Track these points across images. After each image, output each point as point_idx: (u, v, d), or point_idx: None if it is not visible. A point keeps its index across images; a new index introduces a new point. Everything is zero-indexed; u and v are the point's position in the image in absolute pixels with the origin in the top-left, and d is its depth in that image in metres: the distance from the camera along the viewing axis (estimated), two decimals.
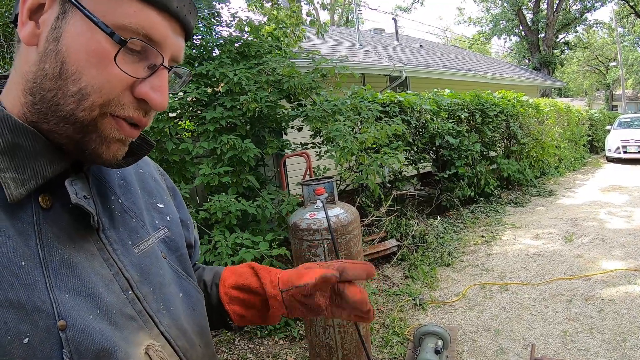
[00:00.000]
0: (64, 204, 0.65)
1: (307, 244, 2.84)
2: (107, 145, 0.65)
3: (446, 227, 7.36)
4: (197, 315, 0.84)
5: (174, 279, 0.82)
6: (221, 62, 4.20)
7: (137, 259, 0.74)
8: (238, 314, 0.96)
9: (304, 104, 4.67)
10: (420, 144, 7.37)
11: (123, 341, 0.64)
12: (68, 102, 0.60)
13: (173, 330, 0.75)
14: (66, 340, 0.57)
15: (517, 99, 10.20)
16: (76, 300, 0.60)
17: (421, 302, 4.59)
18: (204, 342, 0.84)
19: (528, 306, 4.41)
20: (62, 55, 0.59)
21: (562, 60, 32.96)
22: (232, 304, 0.96)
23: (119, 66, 0.60)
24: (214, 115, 3.95)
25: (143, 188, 0.86)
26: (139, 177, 0.87)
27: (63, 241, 0.63)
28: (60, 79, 0.59)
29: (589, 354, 3.52)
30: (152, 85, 0.64)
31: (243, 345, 3.94)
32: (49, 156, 0.63)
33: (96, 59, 0.59)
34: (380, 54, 12.21)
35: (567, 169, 13.46)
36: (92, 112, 0.61)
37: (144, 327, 0.69)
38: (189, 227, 0.99)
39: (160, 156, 4.01)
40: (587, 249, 5.94)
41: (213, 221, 3.81)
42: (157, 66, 0.65)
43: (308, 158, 4.79)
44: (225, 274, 1.00)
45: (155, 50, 0.64)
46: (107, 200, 0.74)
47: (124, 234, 0.74)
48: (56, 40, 0.59)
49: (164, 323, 0.73)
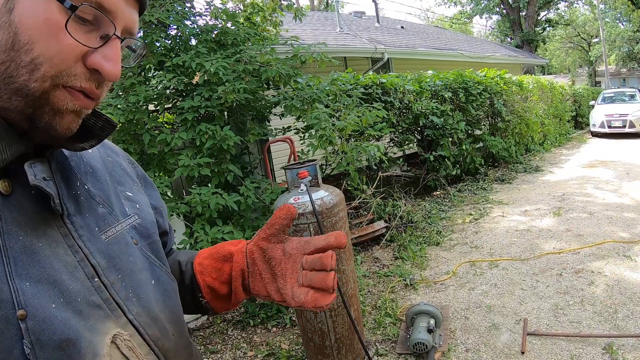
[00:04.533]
0: (26, 189, 0.63)
1: (292, 229, 2.80)
2: (61, 117, 0.63)
3: (434, 206, 7.37)
4: (171, 303, 0.83)
5: (146, 265, 0.80)
6: (197, 52, 4.11)
7: (104, 245, 0.71)
8: (209, 285, 0.95)
9: (283, 91, 4.60)
10: (404, 124, 7.35)
11: (88, 330, 0.62)
12: (21, 73, 0.58)
13: (143, 318, 0.72)
14: (26, 331, 0.55)
15: (500, 76, 10.22)
16: (37, 288, 0.58)
17: (412, 282, 4.59)
18: (178, 331, 0.82)
19: (519, 281, 4.43)
20: (14, 25, 0.57)
21: (545, 38, 33.14)
22: (204, 274, 0.95)
23: (71, 34, 0.58)
24: (193, 104, 3.87)
25: (111, 176, 0.84)
26: (106, 165, 0.85)
27: (24, 227, 0.61)
28: (12, 50, 0.57)
29: (581, 326, 3.53)
30: (104, 55, 0.62)
31: (236, 335, 3.92)
32: (6, 139, 0.60)
33: (48, 28, 0.58)
34: (361, 37, 12.13)
35: (553, 145, 13.56)
36: (44, 83, 0.59)
37: (110, 316, 0.67)
38: (163, 214, 0.98)
39: (139, 148, 3.93)
40: (575, 223, 5.97)
41: (194, 214, 3.76)
42: (109, 36, 0.63)
43: (292, 143, 4.74)
44: (202, 250, 1.00)
45: (107, 18, 0.62)
46: (72, 186, 0.72)
47: (90, 220, 0.72)
48: (9, 12, 0.57)
49: (133, 311, 0.71)
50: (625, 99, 16.02)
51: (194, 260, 0.97)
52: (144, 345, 0.71)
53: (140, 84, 3.93)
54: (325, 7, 32.52)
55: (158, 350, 0.73)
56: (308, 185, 2.76)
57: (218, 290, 0.95)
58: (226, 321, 4.14)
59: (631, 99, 15.88)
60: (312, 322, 3.06)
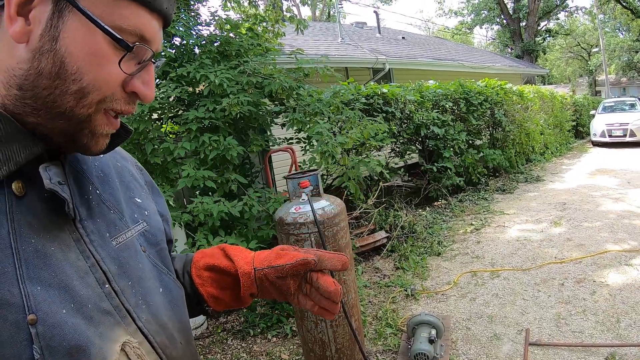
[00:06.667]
0: (39, 192, 0.63)
1: (294, 239, 2.80)
2: (97, 140, 0.67)
3: (435, 216, 7.36)
4: (178, 311, 0.83)
5: (154, 273, 0.80)
6: (202, 63, 4.13)
7: (115, 252, 0.71)
8: (212, 295, 0.95)
9: (286, 103, 4.63)
10: (405, 135, 7.36)
11: (98, 337, 0.61)
12: (67, 100, 0.60)
13: (152, 325, 0.72)
14: (36, 336, 0.55)
15: (500, 86, 10.24)
16: (48, 293, 0.58)
17: (413, 292, 4.57)
18: (185, 339, 0.82)
19: (520, 291, 4.41)
20: (60, 55, 0.59)
21: (545, 48, 33.26)
22: (205, 285, 0.95)
23: (122, 68, 0.63)
24: (197, 114, 3.89)
25: (121, 182, 0.84)
26: (117, 171, 0.85)
27: (37, 230, 0.61)
28: (59, 78, 0.59)
29: (584, 336, 3.52)
30: (142, 80, 0.67)
31: (236, 345, 3.90)
32: (23, 141, 0.61)
33: (97, 60, 0.61)
34: (362, 47, 12.18)
35: (553, 155, 13.56)
36: (90, 109, 0.62)
37: (120, 323, 0.67)
38: (169, 221, 0.98)
39: (143, 158, 3.95)
40: (577, 233, 5.96)
41: (197, 224, 3.75)
42: (145, 61, 0.67)
43: (293, 153, 4.75)
44: (196, 257, 0.99)
45: (147, 48, 0.66)
46: (84, 191, 0.72)
47: (101, 225, 0.72)
48: (53, 40, 0.59)
49: (143, 318, 0.71)
50: (626, 108, 16.04)
51: (191, 271, 0.97)
52: (152, 353, 0.71)
53: None
54: (327, 18, 32.69)
55: (166, 358, 0.74)
56: (309, 195, 2.76)
57: (222, 298, 0.95)
58: (226, 330, 4.13)
59: (631, 107, 15.91)
60: (312, 332, 3.05)
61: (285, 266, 0.86)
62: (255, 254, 0.95)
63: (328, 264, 0.88)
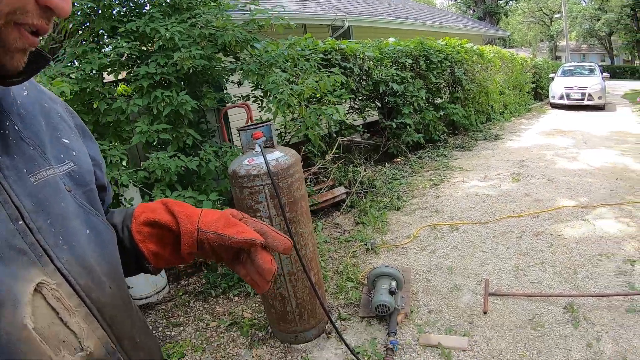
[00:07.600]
0: None
1: (247, 192, 2.71)
2: (11, 56, 0.62)
3: (394, 172, 7.40)
4: (108, 254, 0.79)
5: (80, 213, 0.75)
6: (152, 17, 3.94)
7: (32, 188, 0.67)
8: (153, 252, 0.91)
9: (240, 57, 4.47)
10: (364, 91, 7.30)
11: (9, 277, 0.58)
12: None
13: (74, 267, 0.68)
14: None
15: (461, 45, 10.25)
16: None
17: (373, 246, 4.59)
18: (116, 284, 0.78)
19: (479, 244, 4.48)
20: None
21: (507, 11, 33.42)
22: (146, 242, 0.91)
23: None
24: (148, 70, 3.74)
25: (48, 122, 0.80)
26: (42, 110, 0.81)
27: None
28: None
29: (542, 287, 3.61)
30: None
31: (199, 307, 3.86)
32: None
33: None
34: (321, 4, 11.91)
35: (512, 115, 13.78)
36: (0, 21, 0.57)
37: (36, 262, 0.62)
38: (101, 168, 0.94)
39: (94, 118, 3.78)
40: (534, 189, 6.08)
41: (153, 180, 3.65)
42: None
43: (248, 109, 4.63)
44: (137, 211, 0.94)
45: None
46: (1, 126, 0.68)
47: (18, 161, 0.67)
48: None
49: (63, 259, 0.66)
50: (585, 72, 16.38)
51: (131, 226, 0.92)
52: (74, 297, 0.66)
53: (92, 52, 3.75)
54: None
55: (91, 302, 0.69)
56: (262, 146, 2.67)
57: (162, 254, 0.92)
58: (188, 293, 4.07)
59: (590, 72, 16.25)
60: (271, 287, 3.00)
61: (231, 239, 0.83)
62: (202, 213, 0.91)
63: (270, 243, 0.85)
